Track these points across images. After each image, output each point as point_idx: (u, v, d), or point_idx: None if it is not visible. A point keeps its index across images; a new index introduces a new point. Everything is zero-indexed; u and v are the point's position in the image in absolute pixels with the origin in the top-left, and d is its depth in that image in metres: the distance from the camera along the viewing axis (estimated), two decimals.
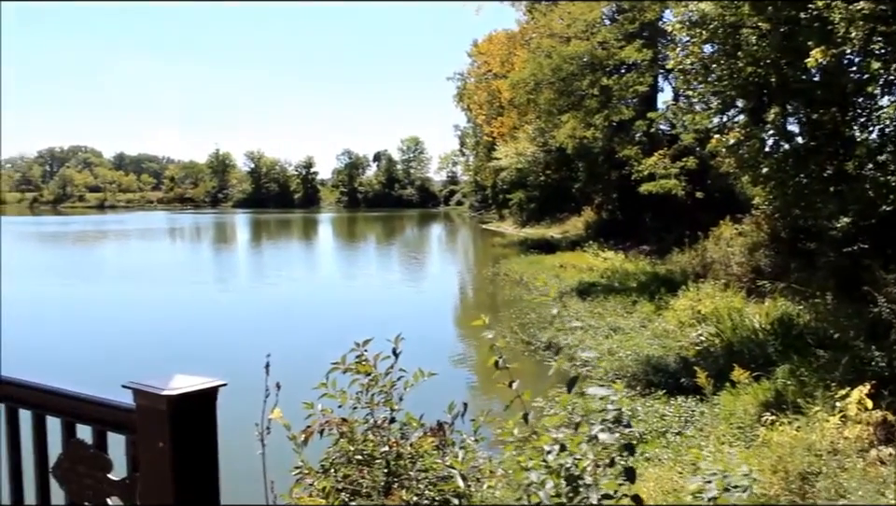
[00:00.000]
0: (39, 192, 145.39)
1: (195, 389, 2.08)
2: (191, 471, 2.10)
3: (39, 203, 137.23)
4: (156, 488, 2.12)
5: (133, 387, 2.11)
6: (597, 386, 3.23)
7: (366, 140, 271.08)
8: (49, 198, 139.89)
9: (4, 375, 2.70)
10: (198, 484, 2.13)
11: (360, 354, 4.01)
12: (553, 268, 27.82)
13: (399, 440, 3.93)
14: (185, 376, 2.11)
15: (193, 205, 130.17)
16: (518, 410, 3.34)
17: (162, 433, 2.05)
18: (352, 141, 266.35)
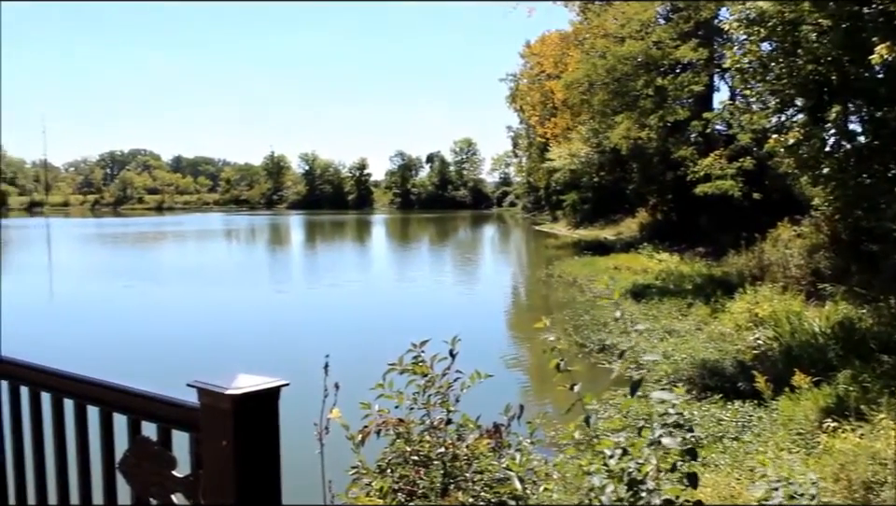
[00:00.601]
0: (101, 195, 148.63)
1: (258, 389, 2.11)
2: (254, 470, 2.13)
3: (101, 206, 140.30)
4: (219, 486, 2.16)
5: (198, 386, 2.15)
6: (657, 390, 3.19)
7: (419, 142, 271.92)
8: (110, 200, 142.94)
9: (73, 373, 2.77)
10: (260, 483, 2.16)
11: (417, 355, 4.03)
12: (607, 270, 27.60)
13: (456, 441, 3.93)
14: (248, 376, 2.14)
15: (249, 207, 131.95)
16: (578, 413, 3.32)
17: (226, 432, 2.09)
18: (405, 143, 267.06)
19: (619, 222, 45.83)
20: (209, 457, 2.18)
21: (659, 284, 22.40)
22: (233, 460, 2.09)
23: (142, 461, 2.42)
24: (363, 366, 4.52)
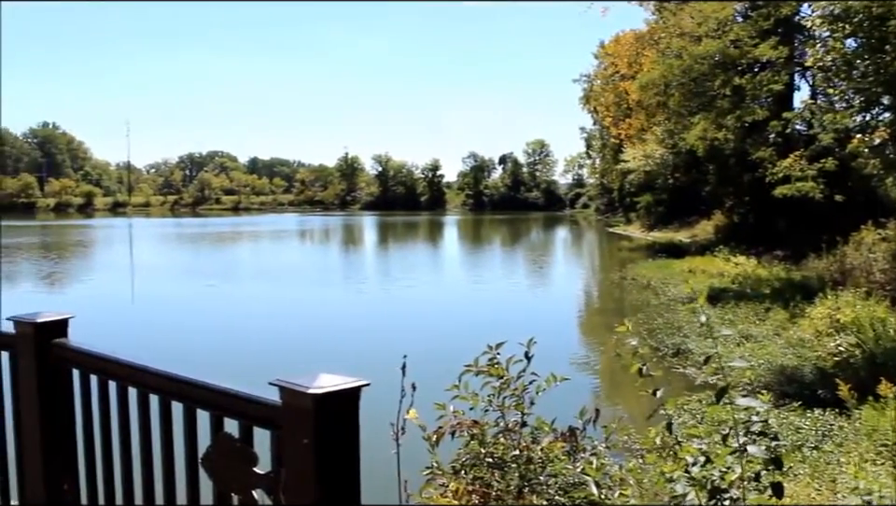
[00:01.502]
0: (180, 195, 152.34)
1: (339, 388, 2.14)
2: (334, 468, 2.17)
3: (180, 206, 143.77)
4: (299, 483, 2.20)
5: (280, 385, 2.19)
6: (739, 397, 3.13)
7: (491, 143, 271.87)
8: (189, 201, 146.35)
9: (159, 369, 2.85)
10: (339, 481, 2.19)
11: (493, 357, 4.03)
12: (682, 273, 27.19)
13: (530, 444, 3.92)
14: (329, 375, 2.18)
15: (323, 208, 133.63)
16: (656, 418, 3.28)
17: (307, 430, 2.12)
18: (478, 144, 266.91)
19: (694, 225, 45.11)
20: (290, 455, 2.22)
21: (735, 288, 21.98)
22: (314, 458, 2.12)
23: (224, 457, 2.47)
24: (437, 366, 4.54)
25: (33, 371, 3.44)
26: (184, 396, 2.68)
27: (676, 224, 49.06)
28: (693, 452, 2.97)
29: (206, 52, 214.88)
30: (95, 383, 3.19)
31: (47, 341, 3.41)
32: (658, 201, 53.22)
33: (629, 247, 44.55)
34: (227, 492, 2.49)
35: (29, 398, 3.50)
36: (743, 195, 35.16)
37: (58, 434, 3.45)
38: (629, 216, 63.63)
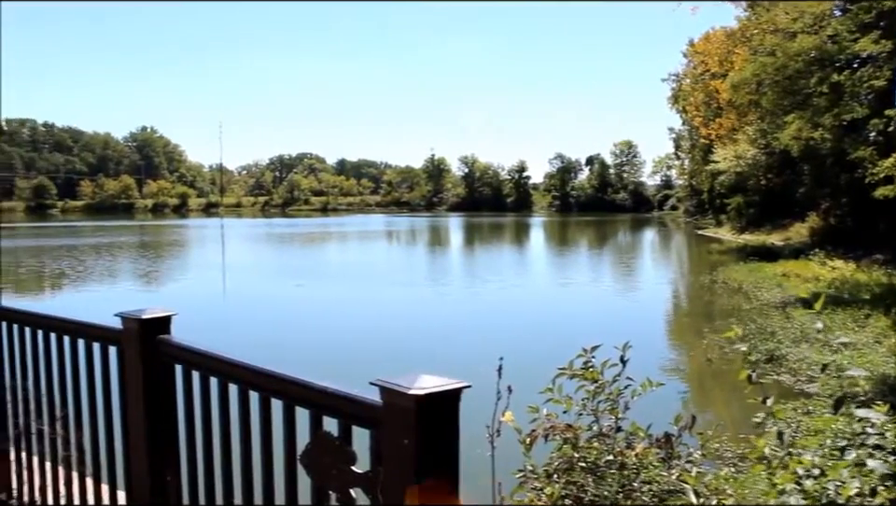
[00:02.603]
0: (270, 196, 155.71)
1: (441, 390, 2.14)
2: (434, 470, 2.16)
3: (270, 207, 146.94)
4: (398, 483, 2.20)
5: (381, 385, 2.20)
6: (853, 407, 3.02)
7: (578, 144, 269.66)
8: (279, 202, 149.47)
9: (259, 366, 2.91)
10: (440, 484, 2.18)
11: (587, 360, 3.99)
12: (775, 277, 26.47)
13: (624, 449, 3.87)
14: (430, 376, 2.18)
15: (409, 209, 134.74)
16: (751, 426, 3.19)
17: (408, 431, 2.13)
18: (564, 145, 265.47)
19: (787, 227, 43.85)
20: (389, 455, 2.23)
21: (832, 293, 21.26)
22: (414, 459, 2.13)
23: (322, 455, 2.50)
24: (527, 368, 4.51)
25: (138, 365, 3.56)
26: (283, 393, 2.72)
27: (768, 226, 47.80)
28: (806, 463, 2.86)
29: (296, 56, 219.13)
30: (197, 378, 3.27)
31: (151, 337, 3.52)
32: (749, 202, 51.93)
33: (719, 250, 43.59)
34: (325, 489, 2.51)
35: (135, 392, 3.62)
36: (840, 196, 34.03)
37: (162, 428, 3.56)
38: (719, 218, 62.28)
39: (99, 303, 23.13)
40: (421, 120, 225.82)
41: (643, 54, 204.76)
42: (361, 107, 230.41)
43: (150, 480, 3.60)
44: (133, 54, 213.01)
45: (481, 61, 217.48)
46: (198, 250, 52.72)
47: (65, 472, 4.32)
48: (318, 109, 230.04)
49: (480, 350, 15.23)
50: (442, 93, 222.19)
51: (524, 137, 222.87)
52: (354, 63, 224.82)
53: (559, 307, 24.27)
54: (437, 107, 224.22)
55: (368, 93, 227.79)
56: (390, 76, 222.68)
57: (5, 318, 4.73)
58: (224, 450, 3.12)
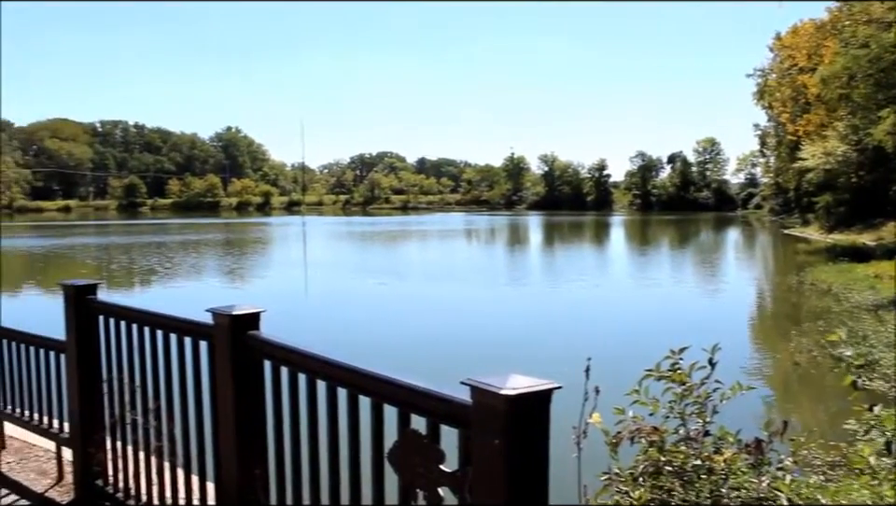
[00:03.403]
0: (351, 195, 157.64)
1: (532, 390, 2.12)
2: (523, 470, 2.14)
3: (351, 205, 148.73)
4: (487, 483, 2.19)
5: (472, 384, 2.18)
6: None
7: (660, 142, 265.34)
8: (359, 200, 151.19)
9: (347, 363, 2.93)
10: (529, 484, 2.17)
11: (675, 362, 3.91)
12: (867, 278, 25.60)
13: (712, 454, 3.77)
14: (521, 377, 2.16)
15: (489, 207, 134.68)
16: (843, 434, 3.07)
17: (498, 431, 2.11)
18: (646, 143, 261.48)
19: (880, 226, 42.39)
20: (479, 455, 2.21)
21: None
22: (504, 459, 2.11)
23: (410, 453, 2.50)
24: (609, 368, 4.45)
25: (228, 361, 3.63)
26: (371, 391, 2.74)
27: (859, 226, 46.28)
28: None
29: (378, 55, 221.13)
30: (286, 375, 3.32)
31: (241, 333, 3.59)
32: (839, 201, 50.35)
33: (806, 250, 42.39)
34: (412, 487, 2.51)
35: (225, 386, 3.70)
36: None
37: (251, 422, 3.63)
38: (806, 217, 60.61)
39: (185, 299, 23.74)
40: (501, 119, 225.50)
41: (726, 49, 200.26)
42: (441, 106, 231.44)
43: (238, 473, 3.67)
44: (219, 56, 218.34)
45: (561, 59, 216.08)
46: (280, 248, 53.68)
47: (157, 462, 4.45)
48: (399, 108, 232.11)
49: (561, 350, 15.12)
50: (523, 92, 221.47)
51: (604, 135, 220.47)
52: (434, 61, 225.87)
53: (641, 307, 23.93)
54: (517, 106, 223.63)
55: (448, 92, 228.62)
56: (471, 74, 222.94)
57: (102, 312, 4.89)
58: (311, 446, 3.16)
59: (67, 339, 5.16)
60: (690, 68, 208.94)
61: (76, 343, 5.07)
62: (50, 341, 5.55)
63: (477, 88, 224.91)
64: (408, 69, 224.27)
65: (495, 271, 36.32)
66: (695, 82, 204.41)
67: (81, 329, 5.01)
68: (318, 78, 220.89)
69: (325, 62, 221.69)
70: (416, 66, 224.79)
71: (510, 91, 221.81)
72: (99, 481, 5.06)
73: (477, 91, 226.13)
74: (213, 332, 3.75)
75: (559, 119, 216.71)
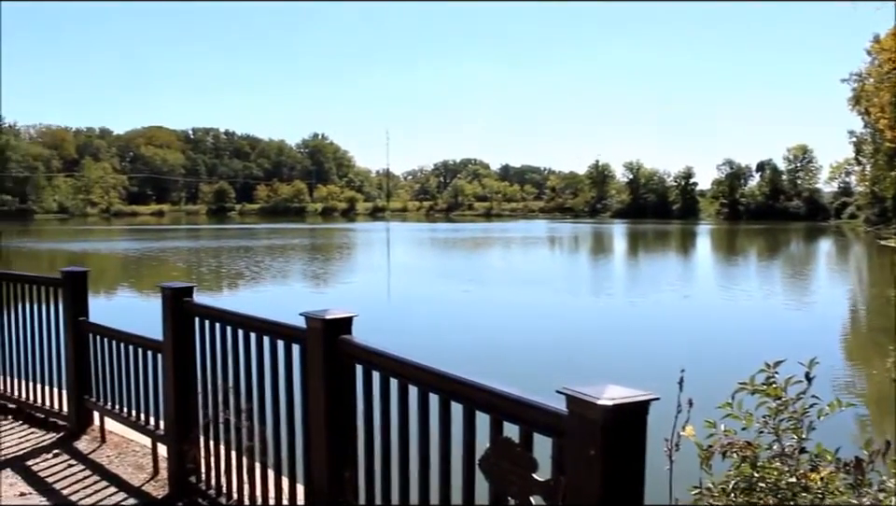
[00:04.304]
0: (435, 201, 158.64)
1: (630, 401, 2.09)
2: (620, 483, 2.12)
3: (434, 211, 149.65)
4: (582, 494, 2.16)
5: (567, 393, 2.17)
6: None
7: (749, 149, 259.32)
8: (443, 206, 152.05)
9: (438, 369, 2.95)
10: (624, 496, 2.13)
11: (770, 376, 3.81)
12: None
13: (808, 472, 3.66)
14: (618, 387, 2.14)
15: (572, 215, 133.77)
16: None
17: (594, 441, 2.09)
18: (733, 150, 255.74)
19: None
20: (573, 465, 2.19)
21: None
22: (600, 471, 2.09)
23: (502, 461, 2.49)
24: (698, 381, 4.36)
25: (320, 364, 3.69)
26: (463, 397, 2.74)
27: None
28: None
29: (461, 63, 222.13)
30: (377, 379, 3.35)
31: (334, 337, 3.64)
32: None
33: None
34: (503, 496, 2.51)
35: (316, 389, 3.76)
36: None
37: (341, 425, 3.68)
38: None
39: (272, 303, 24.23)
40: (585, 126, 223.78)
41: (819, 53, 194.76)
42: (525, 113, 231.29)
43: (328, 475, 3.73)
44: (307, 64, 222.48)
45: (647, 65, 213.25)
46: (365, 253, 54.26)
47: (248, 462, 4.55)
48: (483, 115, 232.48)
49: (649, 360, 14.91)
50: (607, 99, 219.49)
51: (691, 143, 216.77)
52: (518, 69, 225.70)
53: (729, 319, 23.40)
54: (602, 113, 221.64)
55: (532, 99, 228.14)
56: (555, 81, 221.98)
57: (198, 314, 5.04)
58: (401, 450, 3.18)
59: (164, 339, 5.33)
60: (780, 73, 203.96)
61: (172, 343, 5.23)
62: (148, 340, 5.73)
63: (561, 95, 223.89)
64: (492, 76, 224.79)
65: (579, 279, 36.01)
66: (786, 87, 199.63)
67: (178, 329, 5.17)
68: (404, 86, 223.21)
69: (410, 69, 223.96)
70: (501, 73, 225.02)
71: (595, 98, 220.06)
72: (192, 477, 5.21)
73: (561, 99, 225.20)
74: (306, 336, 3.81)
75: (644, 126, 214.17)
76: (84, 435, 6.79)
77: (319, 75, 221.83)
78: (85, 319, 6.76)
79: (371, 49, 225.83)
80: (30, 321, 7.33)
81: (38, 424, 7.19)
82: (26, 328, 7.39)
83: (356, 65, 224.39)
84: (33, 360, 7.35)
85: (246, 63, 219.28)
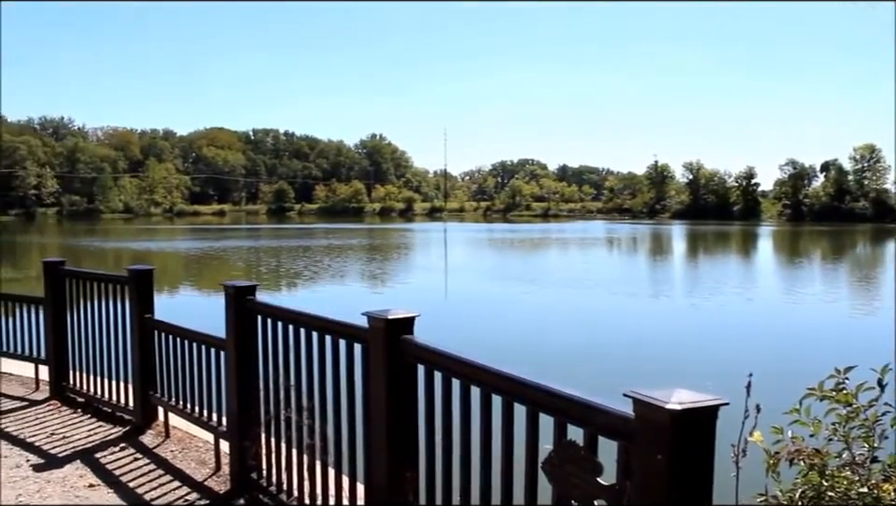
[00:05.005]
0: (492, 202, 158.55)
1: (698, 406, 2.05)
2: (687, 488, 2.07)
3: (492, 212, 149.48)
4: (648, 500, 2.13)
5: (635, 397, 2.13)
6: None
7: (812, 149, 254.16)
8: (500, 207, 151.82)
9: (501, 370, 2.92)
10: (692, 503, 2.09)
11: (840, 382, 3.69)
12: None
13: (881, 482, 3.54)
14: (687, 391, 2.09)
15: (631, 216, 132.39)
16: None
17: (662, 446, 2.05)
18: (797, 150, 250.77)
19: None
20: (640, 470, 2.16)
21: None
22: (668, 476, 2.05)
23: (566, 463, 2.46)
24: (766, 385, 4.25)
25: (382, 364, 3.70)
26: (527, 399, 2.71)
27: None
28: None
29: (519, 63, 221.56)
30: (439, 379, 3.35)
31: (396, 336, 3.65)
32: None
33: None
34: (567, 499, 2.48)
35: (378, 389, 3.77)
36: None
37: (403, 425, 3.68)
38: None
39: (330, 302, 24.42)
40: (644, 126, 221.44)
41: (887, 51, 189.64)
42: (583, 113, 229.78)
43: (389, 475, 3.73)
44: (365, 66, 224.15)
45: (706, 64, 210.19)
46: (422, 253, 54.41)
47: (309, 460, 4.58)
48: (540, 116, 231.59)
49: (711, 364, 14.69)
50: (666, 98, 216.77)
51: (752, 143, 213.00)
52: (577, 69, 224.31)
53: (794, 323, 22.90)
54: (660, 113, 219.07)
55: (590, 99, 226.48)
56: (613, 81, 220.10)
57: (260, 313, 5.09)
58: (463, 451, 3.17)
59: (227, 337, 5.40)
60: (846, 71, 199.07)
61: (235, 341, 5.29)
62: (212, 338, 5.81)
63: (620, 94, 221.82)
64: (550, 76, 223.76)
65: (639, 281, 35.56)
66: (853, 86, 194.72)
67: (240, 327, 5.23)
68: (461, 86, 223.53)
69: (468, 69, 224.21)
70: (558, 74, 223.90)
71: (653, 98, 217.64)
72: (254, 474, 5.27)
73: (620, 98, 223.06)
74: (368, 336, 3.83)
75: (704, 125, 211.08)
76: (149, 430, 6.93)
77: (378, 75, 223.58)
78: (150, 316, 6.89)
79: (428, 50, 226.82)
80: (98, 318, 7.50)
81: (105, 418, 7.36)
82: (94, 324, 7.57)
83: (414, 66, 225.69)
84: (100, 356, 7.52)
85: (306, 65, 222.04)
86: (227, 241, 64.33)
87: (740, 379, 3.65)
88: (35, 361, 8.63)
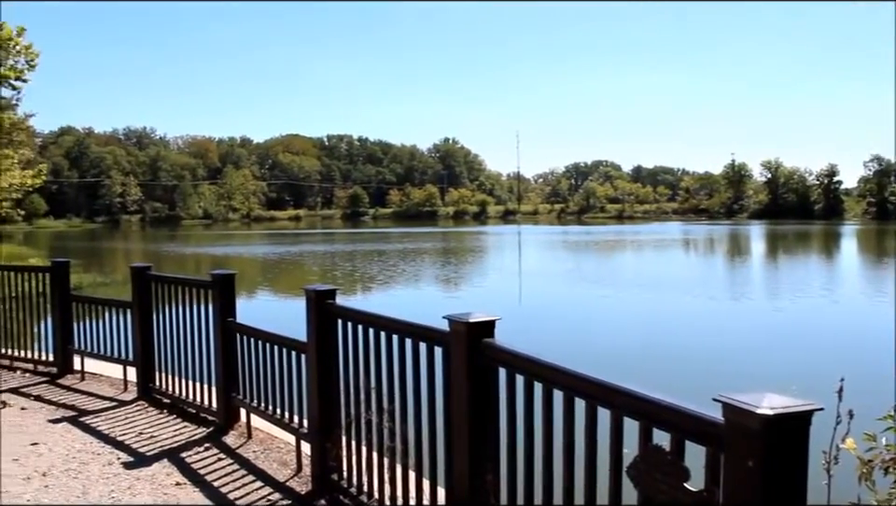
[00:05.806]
0: (566, 204, 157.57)
1: (791, 411, 1.99)
2: (779, 496, 2.01)
3: (566, 214, 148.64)
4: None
5: (725, 401, 2.09)
6: None
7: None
8: (574, 209, 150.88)
9: (585, 373, 2.90)
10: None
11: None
12: None
13: None
14: (778, 396, 2.04)
15: (707, 216, 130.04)
16: None
17: (753, 452, 2.00)
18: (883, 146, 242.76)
19: None
20: (730, 476, 2.11)
21: None
22: (759, 484, 1.99)
23: (652, 469, 2.42)
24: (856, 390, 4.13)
25: (463, 367, 3.70)
26: (611, 402, 2.68)
27: None
28: None
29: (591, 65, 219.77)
30: (521, 383, 3.33)
31: (477, 340, 3.65)
32: None
33: None
34: (652, 504, 2.44)
35: (459, 392, 3.77)
36: None
37: (484, 428, 3.67)
38: None
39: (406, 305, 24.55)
40: (721, 125, 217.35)
41: None
42: (658, 114, 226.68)
43: (470, 478, 3.72)
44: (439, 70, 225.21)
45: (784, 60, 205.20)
46: (496, 257, 54.30)
47: (389, 462, 4.61)
48: (614, 117, 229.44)
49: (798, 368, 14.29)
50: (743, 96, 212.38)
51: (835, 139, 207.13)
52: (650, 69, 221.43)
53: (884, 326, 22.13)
54: (737, 111, 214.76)
55: (664, 99, 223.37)
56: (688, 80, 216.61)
57: (341, 316, 5.15)
58: (545, 455, 3.14)
59: (308, 340, 5.48)
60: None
61: (315, 344, 5.36)
62: (292, 341, 5.90)
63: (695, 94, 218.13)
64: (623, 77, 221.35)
65: (720, 283, 34.86)
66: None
67: (321, 330, 5.30)
68: (534, 88, 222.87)
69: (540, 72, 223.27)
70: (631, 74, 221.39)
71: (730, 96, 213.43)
72: (334, 475, 5.32)
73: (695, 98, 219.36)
74: (449, 339, 3.84)
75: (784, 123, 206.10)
76: (231, 430, 7.07)
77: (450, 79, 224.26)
78: (233, 320, 7.03)
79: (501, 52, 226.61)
80: (182, 321, 7.70)
81: (190, 418, 7.54)
82: (179, 327, 7.76)
83: (487, 69, 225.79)
84: (185, 358, 7.72)
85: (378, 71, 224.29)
86: (303, 245, 65.25)
87: (825, 383, 3.55)
88: (124, 363, 8.90)
